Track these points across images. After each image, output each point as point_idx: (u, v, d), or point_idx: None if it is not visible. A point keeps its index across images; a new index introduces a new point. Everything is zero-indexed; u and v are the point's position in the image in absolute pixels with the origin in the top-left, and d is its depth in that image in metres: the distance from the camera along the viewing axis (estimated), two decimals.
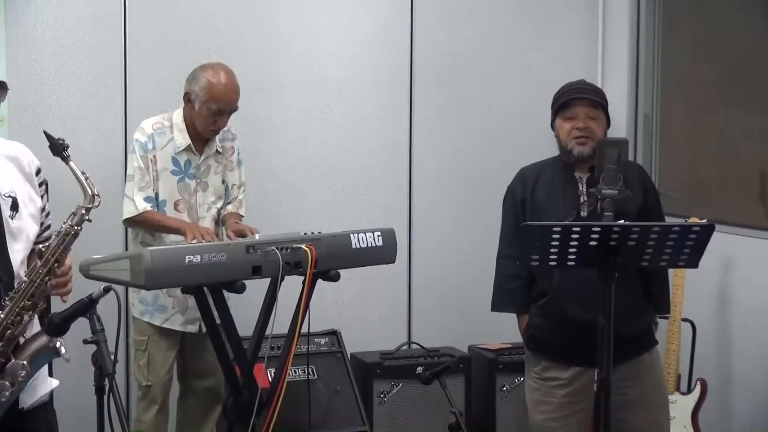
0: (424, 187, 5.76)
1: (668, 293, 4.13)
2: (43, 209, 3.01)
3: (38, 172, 3.02)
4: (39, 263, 2.83)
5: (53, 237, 2.87)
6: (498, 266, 4.11)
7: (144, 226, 4.45)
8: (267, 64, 5.37)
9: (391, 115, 5.69)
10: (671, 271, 4.38)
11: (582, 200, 3.86)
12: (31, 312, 2.83)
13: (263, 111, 5.29)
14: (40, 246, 2.88)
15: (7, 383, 2.77)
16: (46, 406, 3.07)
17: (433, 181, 5.77)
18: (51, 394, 3.09)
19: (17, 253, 2.91)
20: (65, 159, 2.86)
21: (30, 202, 2.99)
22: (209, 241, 4.21)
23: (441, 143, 5.77)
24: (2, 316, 2.79)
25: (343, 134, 5.60)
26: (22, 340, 2.82)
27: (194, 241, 4.18)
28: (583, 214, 3.83)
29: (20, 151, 3.01)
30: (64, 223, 2.87)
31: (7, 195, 2.90)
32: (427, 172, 5.76)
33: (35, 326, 2.92)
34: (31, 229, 2.97)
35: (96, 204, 2.91)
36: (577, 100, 3.90)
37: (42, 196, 3.02)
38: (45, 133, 2.89)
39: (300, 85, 5.49)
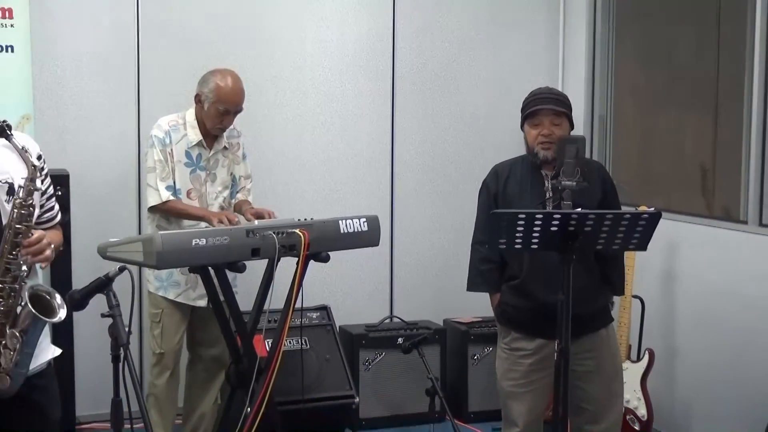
0: (404, 180, 5.76)
1: (623, 277, 4.14)
2: (43, 193, 2.93)
3: (39, 158, 2.92)
4: (2, 240, 2.76)
5: (13, 211, 2.76)
6: (473, 251, 4.11)
7: (169, 214, 4.43)
8: (265, 72, 5.35)
9: (375, 116, 5.69)
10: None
11: (548, 195, 3.86)
12: (14, 284, 2.74)
13: (262, 113, 5.28)
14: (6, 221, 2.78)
15: (14, 343, 2.74)
16: (46, 372, 3.00)
17: (412, 175, 5.77)
18: (51, 363, 3.02)
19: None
20: (8, 137, 2.75)
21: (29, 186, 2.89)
22: (236, 223, 4.21)
23: (419, 141, 5.77)
24: None
25: (333, 133, 5.59)
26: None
27: (221, 225, 4.18)
28: (549, 207, 3.83)
29: (22, 140, 2.91)
30: (16, 199, 2.76)
31: (4, 181, 2.85)
32: (407, 166, 5.76)
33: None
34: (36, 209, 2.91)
35: (38, 176, 2.80)
36: (543, 109, 3.90)
37: (42, 181, 2.92)
38: None
39: (295, 90, 5.49)
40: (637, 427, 4.66)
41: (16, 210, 2.75)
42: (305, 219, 4.15)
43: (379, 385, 5.26)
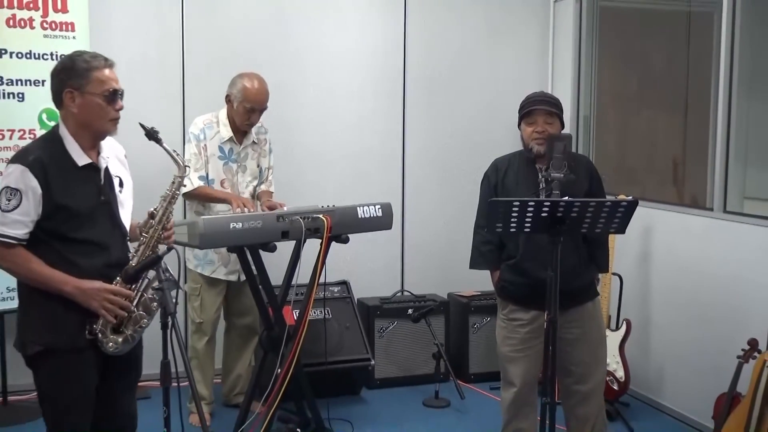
0: (413, 172, 5.75)
1: (607, 257, 4.13)
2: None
3: (125, 157, 3.13)
4: (154, 221, 2.93)
5: (159, 202, 2.96)
6: (475, 234, 4.11)
7: (198, 198, 4.44)
8: (292, 77, 5.34)
9: (388, 116, 5.67)
10: None
11: (541, 186, 3.86)
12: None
13: (289, 112, 5.26)
14: (151, 209, 2.97)
15: (133, 326, 2.85)
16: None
17: (421, 167, 5.76)
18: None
19: (125, 218, 3.00)
20: (159, 141, 2.97)
21: (127, 181, 3.08)
22: (249, 209, 4.21)
23: (426, 138, 5.75)
24: (131, 265, 2.86)
25: (351, 131, 5.58)
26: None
27: (238, 209, 4.19)
28: (542, 196, 3.82)
29: (114, 144, 3.09)
30: (168, 190, 2.97)
31: (116, 175, 3.00)
32: (416, 160, 5.74)
33: None
34: (130, 201, 3.06)
35: (187, 173, 3.03)
36: (537, 109, 3.89)
37: (128, 174, 3.11)
38: (140, 124, 2.98)
39: (318, 93, 5.48)
40: (615, 388, 4.65)
41: (166, 200, 2.97)
42: (328, 206, 4.16)
43: (391, 349, 5.26)
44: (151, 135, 2.95)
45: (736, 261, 4.34)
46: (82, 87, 2.83)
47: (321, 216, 4.04)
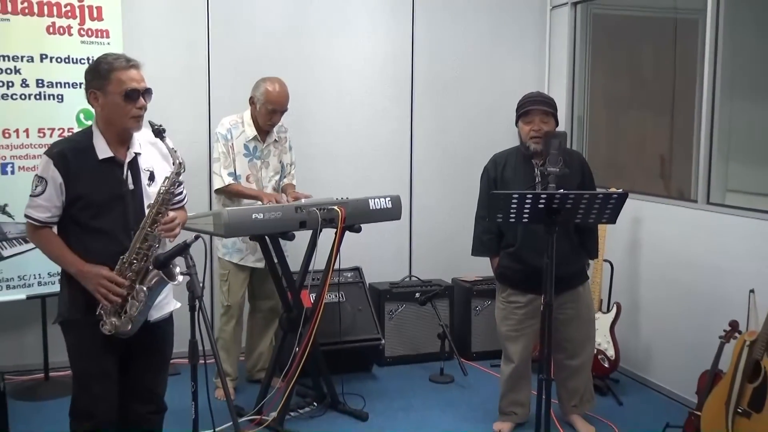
0: (420, 167, 5.74)
1: (597, 245, 4.15)
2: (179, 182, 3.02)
3: (174, 151, 3.02)
4: (146, 217, 2.87)
5: (157, 197, 2.89)
6: (476, 224, 4.12)
7: (230, 194, 4.43)
8: (309, 81, 5.33)
9: (397, 115, 5.66)
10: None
11: (537, 180, 3.87)
12: (149, 251, 2.86)
13: (307, 113, 5.25)
14: (149, 202, 2.91)
15: (141, 296, 2.82)
16: (168, 320, 3.11)
17: (427, 163, 5.75)
18: (171, 313, 3.11)
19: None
20: (162, 138, 2.91)
21: (160, 175, 3.00)
22: (282, 203, 4.21)
23: (432, 135, 5.74)
24: (126, 255, 2.85)
25: (363, 130, 5.57)
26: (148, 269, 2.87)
27: (269, 204, 4.18)
28: (538, 190, 3.82)
29: (156, 140, 3.03)
30: (161, 187, 2.88)
31: (146, 169, 2.97)
32: (423, 156, 5.73)
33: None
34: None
35: (182, 170, 2.92)
36: (534, 109, 3.89)
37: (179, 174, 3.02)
38: (149, 122, 2.92)
39: (333, 95, 5.47)
40: (606, 365, 4.65)
41: (161, 196, 2.87)
42: (342, 198, 4.16)
43: (400, 330, 5.26)
44: (158, 132, 2.90)
45: (719, 249, 4.32)
46: (103, 87, 2.84)
47: (336, 207, 4.05)
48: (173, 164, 2.92)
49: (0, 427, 3.39)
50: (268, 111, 4.40)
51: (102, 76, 2.84)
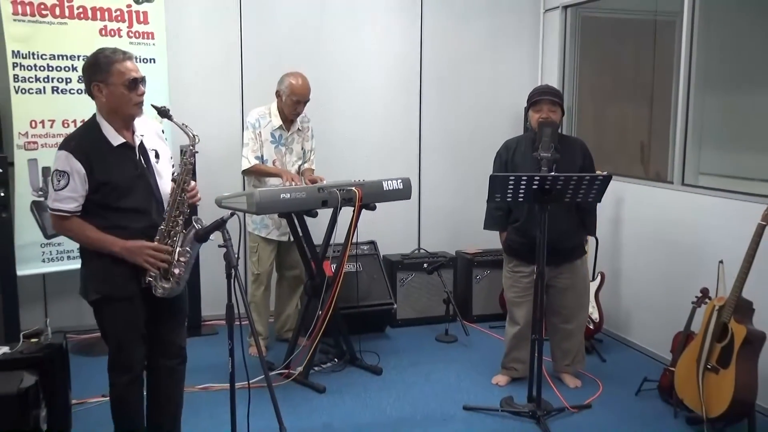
0: (428, 152, 5.71)
1: (595, 223, 4.12)
2: (171, 157, 3.03)
3: (162, 132, 3.10)
4: (174, 186, 2.88)
5: (178, 169, 2.91)
6: (488, 202, 4.07)
7: (255, 173, 4.44)
8: (329, 75, 5.30)
9: (407, 106, 5.63)
10: None
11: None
12: (181, 217, 2.88)
13: (326, 105, 5.22)
14: (174, 175, 2.95)
15: (186, 257, 2.85)
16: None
17: (434, 149, 5.72)
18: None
19: (163, 185, 2.96)
20: (170, 118, 2.90)
21: (164, 153, 3.02)
22: (296, 182, 4.23)
23: (438, 123, 5.71)
24: (163, 225, 2.87)
25: (377, 118, 5.54)
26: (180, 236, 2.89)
27: (287, 182, 4.20)
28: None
29: (154, 124, 3.08)
30: (182, 158, 2.91)
31: (151, 149, 2.95)
32: (430, 142, 5.70)
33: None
34: (168, 169, 3.01)
35: (196, 141, 2.92)
36: (542, 99, 3.87)
37: (166, 147, 3.07)
38: (152, 105, 2.92)
39: (350, 88, 5.44)
40: (592, 327, 4.64)
41: (184, 166, 2.89)
42: (359, 180, 4.16)
43: (410, 296, 5.27)
44: (164, 113, 2.88)
45: (692, 225, 4.30)
46: (105, 79, 2.79)
47: (353, 188, 4.05)
48: (188, 137, 2.91)
49: (63, 377, 3.44)
50: (293, 102, 4.39)
51: (103, 69, 2.79)
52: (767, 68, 4.68)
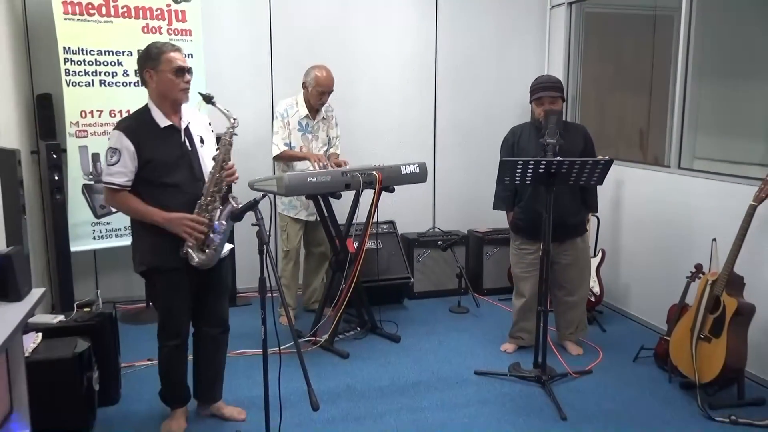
0: (442, 139, 5.68)
1: (596, 201, 4.08)
2: (217, 149, 3.04)
3: (209, 124, 3.13)
4: (215, 165, 2.91)
5: (219, 148, 2.94)
6: (497, 184, 4.05)
7: (285, 158, 4.44)
8: (351, 68, 5.28)
9: (423, 96, 5.59)
10: None
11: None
12: (219, 193, 2.93)
13: (349, 95, 5.22)
14: (214, 154, 2.97)
15: (221, 229, 2.90)
16: (225, 259, 3.15)
17: (447, 135, 5.68)
18: (229, 252, 3.17)
19: (205, 166, 2.98)
20: (213, 103, 2.93)
21: (209, 141, 3.07)
22: (324, 163, 4.23)
23: (452, 112, 5.67)
24: (202, 199, 2.91)
25: (395, 107, 5.51)
26: (217, 212, 2.94)
27: (316, 163, 4.20)
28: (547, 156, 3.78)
29: (204, 117, 3.13)
30: (225, 138, 2.93)
31: (197, 134, 3.00)
32: (444, 130, 5.67)
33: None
34: (211, 154, 3.02)
35: (235, 124, 2.96)
36: (544, 95, 3.82)
37: (212, 136, 3.12)
38: (198, 92, 2.98)
39: (370, 80, 5.41)
40: (593, 300, 4.62)
41: (225, 146, 2.92)
42: (379, 164, 4.15)
43: (425, 271, 5.27)
44: (208, 99, 2.93)
45: (687, 206, 4.25)
46: (156, 67, 2.87)
47: (374, 172, 4.04)
48: (229, 120, 2.95)
49: (113, 343, 3.49)
50: (318, 93, 4.37)
51: (154, 58, 2.87)
52: (758, 60, 4.62)
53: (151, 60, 2.87)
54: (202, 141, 3.01)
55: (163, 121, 2.90)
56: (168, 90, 2.88)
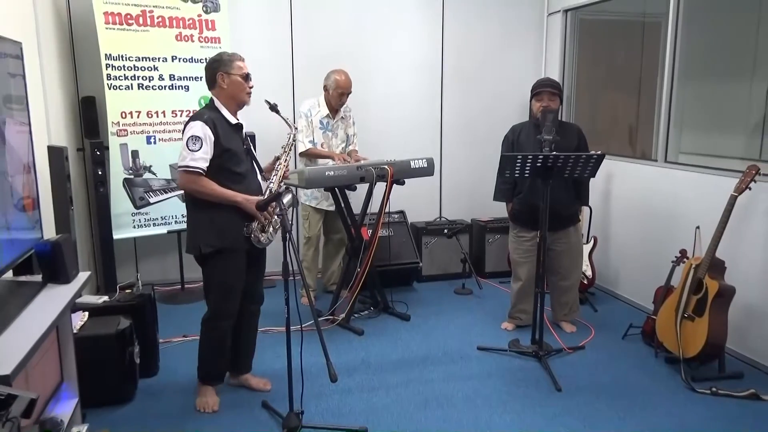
0: (448, 136, 5.65)
1: (588, 194, 4.06)
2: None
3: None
4: (281, 161, 3.08)
5: (282, 151, 3.10)
6: (498, 176, 4.05)
7: (310, 156, 4.44)
8: (366, 70, 5.26)
9: (431, 95, 5.56)
10: None
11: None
12: (284, 182, 3.08)
13: (363, 96, 5.20)
14: (277, 155, 3.12)
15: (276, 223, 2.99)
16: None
17: (453, 132, 5.65)
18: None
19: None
20: (278, 112, 3.08)
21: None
22: (346, 160, 4.24)
23: (457, 110, 5.64)
24: (274, 185, 3.04)
25: (405, 107, 5.49)
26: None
27: (338, 161, 4.21)
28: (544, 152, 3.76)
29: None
30: (287, 141, 3.12)
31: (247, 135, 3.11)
32: (450, 126, 5.64)
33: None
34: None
35: (295, 131, 3.14)
36: (543, 90, 3.80)
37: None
38: (266, 101, 3.11)
39: (383, 81, 5.39)
40: (586, 282, 4.61)
41: (288, 146, 3.11)
42: (390, 160, 4.15)
43: (433, 257, 5.27)
44: (273, 108, 3.02)
45: (673, 196, 4.22)
46: (228, 71, 2.94)
47: (386, 166, 4.04)
48: (291, 128, 3.12)
49: (152, 321, 3.52)
50: (339, 94, 4.37)
51: (226, 63, 2.95)
52: (738, 61, 4.56)
53: (224, 65, 2.94)
54: (252, 140, 3.11)
55: (231, 119, 2.97)
56: (237, 92, 2.95)
